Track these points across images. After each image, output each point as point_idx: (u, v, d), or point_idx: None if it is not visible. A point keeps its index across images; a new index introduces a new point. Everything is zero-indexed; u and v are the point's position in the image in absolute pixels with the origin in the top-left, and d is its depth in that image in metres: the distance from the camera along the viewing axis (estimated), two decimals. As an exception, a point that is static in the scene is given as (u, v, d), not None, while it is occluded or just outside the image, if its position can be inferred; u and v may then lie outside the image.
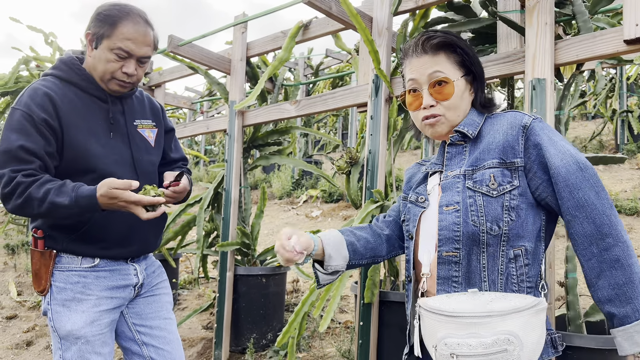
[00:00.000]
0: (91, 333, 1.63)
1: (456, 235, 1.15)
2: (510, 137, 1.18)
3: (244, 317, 3.33)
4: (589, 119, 10.23)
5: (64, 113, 1.61)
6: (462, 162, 1.24)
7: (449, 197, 1.19)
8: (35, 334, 3.95)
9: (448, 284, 1.16)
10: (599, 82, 5.70)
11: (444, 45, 1.25)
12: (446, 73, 1.23)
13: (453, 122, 1.26)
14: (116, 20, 1.61)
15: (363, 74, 2.75)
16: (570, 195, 1.09)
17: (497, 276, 1.13)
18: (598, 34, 1.95)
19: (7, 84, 5.24)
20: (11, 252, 6.13)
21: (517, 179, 1.15)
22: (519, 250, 1.13)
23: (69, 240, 1.65)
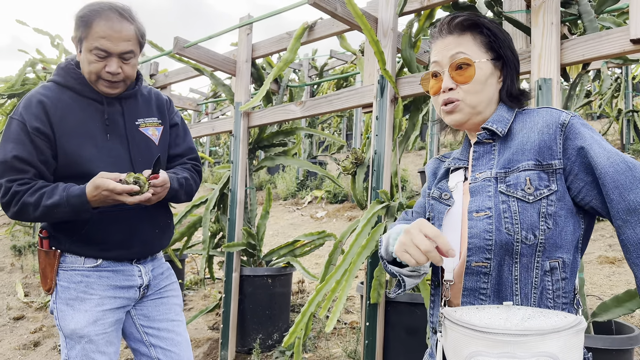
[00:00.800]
0: (94, 332, 1.64)
1: (488, 245, 1.03)
2: (547, 137, 1.05)
3: (250, 318, 3.33)
4: (595, 118, 10.20)
5: (58, 119, 1.63)
6: (491, 162, 1.12)
7: (480, 202, 1.07)
8: (42, 335, 3.97)
9: (474, 296, 1.05)
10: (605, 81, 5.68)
11: (470, 25, 1.15)
12: (468, 54, 1.12)
13: (474, 110, 1.14)
14: (90, 20, 1.59)
15: (368, 74, 2.75)
16: (620, 198, 0.98)
17: (531, 290, 1.03)
18: (604, 33, 1.95)
19: (14, 87, 5.28)
20: (18, 254, 6.17)
21: (555, 183, 1.04)
22: (555, 262, 1.03)
23: (71, 241, 1.67)
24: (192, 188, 1.84)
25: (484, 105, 1.15)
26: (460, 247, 1.10)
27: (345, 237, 2.76)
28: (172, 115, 1.92)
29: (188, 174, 1.84)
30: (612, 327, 2.16)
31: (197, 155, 1.97)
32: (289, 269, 3.48)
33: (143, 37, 1.70)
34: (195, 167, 1.92)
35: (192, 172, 1.87)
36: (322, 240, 3.39)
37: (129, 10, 1.66)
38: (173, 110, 1.94)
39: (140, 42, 1.69)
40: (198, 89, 9.98)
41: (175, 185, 1.72)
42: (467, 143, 1.25)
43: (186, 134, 1.96)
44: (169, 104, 1.93)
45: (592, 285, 3.68)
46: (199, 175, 1.92)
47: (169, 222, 1.89)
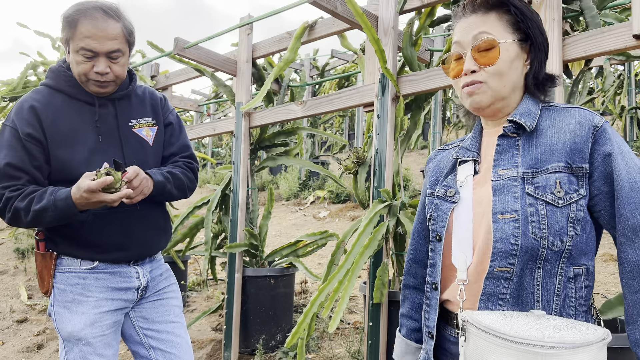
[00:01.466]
0: (92, 335, 1.63)
1: (513, 249, 0.98)
2: (579, 139, 1.00)
3: (253, 319, 3.33)
4: (598, 116, 10.14)
5: (49, 124, 1.62)
6: (515, 159, 1.05)
7: (505, 203, 1.01)
8: (46, 337, 3.98)
9: (493, 301, 1.00)
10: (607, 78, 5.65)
11: (496, 3, 1.08)
12: (493, 34, 1.05)
13: (498, 94, 1.07)
14: (75, 21, 1.57)
15: (369, 73, 2.74)
16: (630, 215, 0.96)
17: (553, 297, 0.98)
18: (606, 29, 1.93)
19: (16, 89, 5.29)
20: (21, 256, 6.18)
21: (584, 188, 1.00)
22: (579, 269, 0.99)
23: (67, 243, 1.66)
24: (182, 182, 1.79)
25: (508, 90, 1.08)
26: (473, 245, 1.05)
27: (348, 236, 2.74)
28: (167, 114, 1.89)
29: (176, 170, 1.80)
30: (617, 325, 2.14)
31: (192, 153, 1.92)
32: (292, 270, 3.47)
33: (131, 34, 1.67)
34: (188, 165, 1.87)
35: (183, 169, 1.83)
36: (325, 240, 3.38)
37: (116, 8, 1.63)
38: (168, 109, 1.90)
39: (128, 40, 1.66)
40: (200, 90, 9.99)
41: (159, 177, 1.68)
42: (477, 132, 1.18)
43: (181, 132, 1.92)
44: (163, 102, 1.89)
45: (597, 283, 3.66)
46: (192, 173, 1.87)
47: (166, 223, 1.87)
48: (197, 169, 1.91)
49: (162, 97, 1.92)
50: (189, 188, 1.84)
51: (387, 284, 2.44)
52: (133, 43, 1.70)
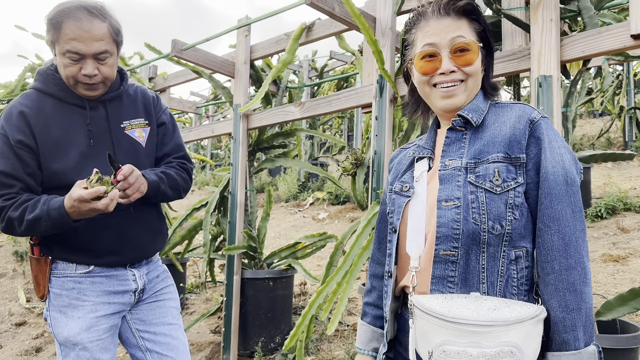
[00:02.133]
0: (88, 339, 1.62)
1: (455, 234, 1.06)
2: (518, 131, 1.10)
3: (252, 321, 3.32)
4: (596, 116, 10.16)
5: (40, 129, 1.59)
6: (461, 151, 1.15)
7: (449, 192, 1.10)
8: (44, 341, 3.96)
9: (443, 283, 1.08)
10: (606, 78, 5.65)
11: (468, 11, 1.17)
12: (469, 39, 1.14)
13: (470, 94, 1.17)
14: (59, 22, 1.52)
15: (367, 74, 2.73)
16: (549, 204, 1.06)
17: (497, 278, 1.06)
18: (604, 29, 1.93)
19: (14, 92, 5.27)
20: (20, 259, 6.17)
21: (522, 176, 1.08)
22: (520, 251, 1.08)
23: (62, 248, 1.65)
24: (176, 182, 1.76)
25: (475, 91, 1.18)
26: (426, 235, 1.12)
27: (346, 238, 2.74)
28: (160, 114, 1.85)
29: (170, 170, 1.77)
30: (617, 326, 2.14)
31: (185, 153, 1.89)
32: (291, 271, 3.46)
33: (118, 34, 1.62)
34: (182, 165, 1.84)
35: (177, 169, 1.80)
36: (324, 242, 3.37)
37: (101, 7, 1.58)
38: (161, 108, 1.86)
39: (115, 40, 1.61)
40: (198, 92, 10.00)
41: (153, 177, 1.66)
42: (433, 131, 1.27)
43: (174, 131, 1.88)
44: (156, 101, 1.85)
45: (596, 284, 3.65)
46: (187, 173, 1.84)
47: (161, 225, 1.85)
48: (191, 169, 1.88)
49: (155, 96, 1.88)
50: (184, 188, 1.82)
51: (386, 285, 2.43)
52: (121, 42, 1.65)
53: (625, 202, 4.95)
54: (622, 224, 4.63)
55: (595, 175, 6.38)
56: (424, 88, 1.20)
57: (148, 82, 4.34)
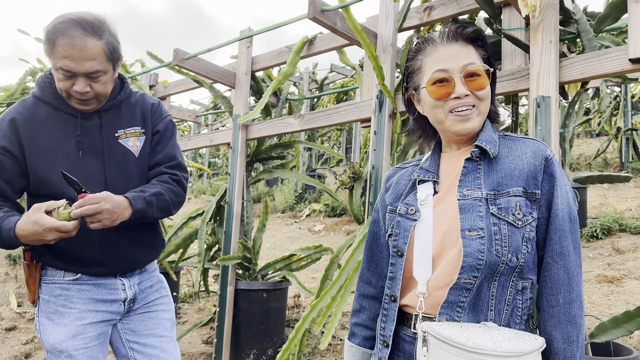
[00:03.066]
0: (73, 347, 1.60)
1: (479, 264, 1.07)
2: (534, 167, 1.13)
3: (245, 332, 3.29)
4: (594, 136, 10.22)
5: (29, 137, 1.60)
6: (477, 181, 1.15)
7: (472, 222, 1.10)
8: (34, 346, 3.92)
9: (452, 308, 1.09)
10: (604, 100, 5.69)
11: (475, 38, 1.20)
12: (479, 65, 1.16)
13: (483, 118, 1.19)
14: (54, 38, 1.50)
15: (367, 89, 2.75)
16: (559, 240, 1.10)
17: (504, 307, 1.09)
18: (603, 52, 1.95)
19: (14, 95, 5.29)
20: (13, 263, 6.12)
21: (536, 211, 1.12)
22: (527, 282, 1.11)
23: (51, 255, 1.64)
24: (167, 203, 1.68)
25: (485, 116, 1.20)
26: (433, 260, 1.14)
27: (342, 252, 2.73)
28: (157, 122, 1.79)
29: (162, 188, 1.69)
30: (611, 349, 2.13)
31: (179, 163, 1.79)
32: (285, 284, 3.45)
33: (114, 52, 1.59)
34: (174, 177, 1.75)
35: (169, 184, 1.72)
36: (319, 254, 3.36)
37: (99, 24, 1.54)
38: (159, 116, 1.80)
39: (110, 58, 1.58)
40: (198, 101, 10.02)
41: (139, 206, 1.58)
42: (436, 154, 1.27)
43: (169, 140, 1.80)
44: (155, 108, 1.80)
45: (590, 305, 3.64)
46: (179, 185, 1.76)
47: (154, 238, 1.80)
48: (184, 180, 1.79)
49: (155, 102, 1.82)
50: (175, 204, 1.74)
51: (380, 300, 2.42)
52: (118, 59, 1.62)
53: (620, 223, 4.96)
54: (618, 245, 4.63)
55: (592, 195, 6.40)
56: (438, 113, 1.19)
57: (149, 89, 4.35)
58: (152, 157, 1.76)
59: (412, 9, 2.58)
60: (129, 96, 1.77)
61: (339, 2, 2.43)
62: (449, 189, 1.19)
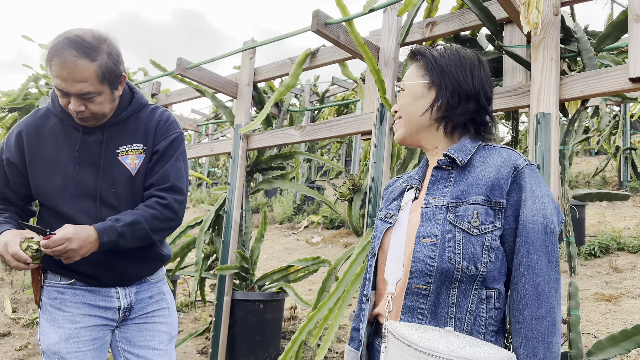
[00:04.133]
0: (66, 350, 1.59)
1: (429, 270, 1.09)
2: (501, 176, 1.12)
3: (240, 343, 3.27)
4: (592, 154, 10.26)
5: (32, 148, 1.65)
6: (445, 189, 1.17)
7: (428, 229, 1.12)
8: (27, 353, 3.89)
9: (413, 314, 1.10)
10: (603, 118, 5.72)
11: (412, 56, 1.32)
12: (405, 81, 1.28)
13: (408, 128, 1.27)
14: (49, 58, 1.50)
15: (368, 102, 2.76)
16: (526, 252, 1.08)
17: (465, 315, 1.08)
18: (603, 71, 1.96)
19: (16, 100, 5.30)
20: (8, 268, 6.09)
21: (500, 221, 1.10)
22: (492, 291, 1.09)
23: (48, 259, 1.64)
24: (144, 232, 1.60)
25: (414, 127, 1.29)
26: (404, 263, 1.15)
27: (340, 264, 2.73)
28: (160, 140, 1.72)
29: (142, 215, 1.61)
30: (608, 367, 2.12)
31: (172, 185, 1.69)
32: (282, 295, 3.43)
33: (109, 73, 1.55)
34: (161, 202, 1.65)
35: (153, 210, 1.64)
36: (317, 266, 3.35)
37: (96, 44, 1.52)
38: (163, 134, 1.73)
39: (103, 80, 1.55)
40: (200, 110, 10.06)
41: (107, 239, 1.53)
42: (425, 163, 1.32)
43: (168, 160, 1.71)
44: (161, 125, 1.73)
45: (587, 323, 3.63)
46: (168, 209, 1.66)
47: (151, 253, 1.76)
48: (174, 204, 1.68)
49: (162, 120, 1.75)
50: (158, 230, 1.66)
51: (378, 314, 2.41)
52: (114, 80, 1.59)
53: (618, 242, 4.96)
54: (615, 264, 4.63)
55: (590, 213, 6.40)
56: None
57: (151, 98, 4.37)
58: (148, 177, 1.70)
59: (415, 24, 2.60)
60: (138, 110, 1.74)
61: (342, 16, 2.45)
62: (423, 196, 1.23)
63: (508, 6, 2.05)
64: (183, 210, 1.72)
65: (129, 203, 1.67)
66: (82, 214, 1.61)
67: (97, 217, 1.62)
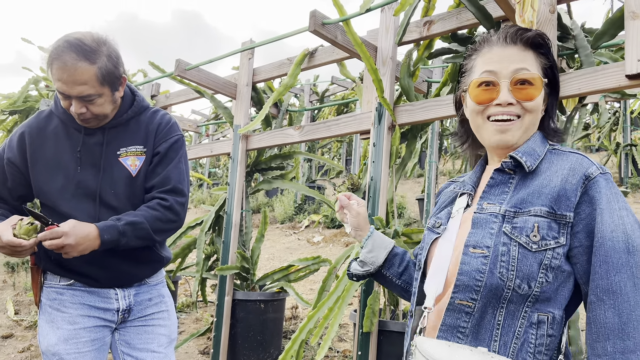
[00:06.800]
0: (65, 351, 1.61)
1: (477, 285, 0.97)
2: (569, 186, 0.98)
3: (241, 343, 3.28)
4: (593, 151, 10.25)
5: (34, 149, 1.68)
6: (503, 195, 1.04)
7: (479, 238, 1.00)
8: (30, 355, 3.90)
9: (452, 333, 0.99)
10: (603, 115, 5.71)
11: (537, 44, 1.08)
12: (534, 73, 1.04)
13: (526, 132, 1.06)
14: (50, 61, 1.53)
15: (366, 101, 2.77)
16: (605, 274, 0.92)
17: (512, 339, 0.95)
18: (600, 68, 1.97)
19: (16, 103, 5.32)
20: (11, 270, 6.11)
21: (565, 237, 0.97)
22: (545, 316, 0.96)
23: (48, 261, 1.68)
24: (146, 232, 1.62)
25: (532, 130, 1.08)
26: (448, 276, 1.04)
27: (340, 263, 2.73)
28: (160, 142, 1.73)
29: (144, 215, 1.62)
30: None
31: (173, 187, 1.70)
32: (283, 294, 3.44)
33: (107, 76, 1.57)
34: (162, 203, 1.67)
35: (155, 211, 1.65)
36: (317, 265, 3.36)
37: (95, 47, 1.54)
38: (164, 137, 1.74)
39: (103, 82, 1.57)
40: (200, 111, 10.07)
41: (108, 237, 1.54)
42: (480, 166, 1.18)
43: (169, 162, 1.73)
44: (162, 128, 1.75)
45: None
46: (169, 211, 1.67)
47: (151, 255, 1.77)
48: (176, 205, 1.70)
49: (163, 122, 1.77)
50: (160, 231, 1.67)
51: (378, 312, 2.42)
52: (114, 81, 1.61)
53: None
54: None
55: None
56: (476, 119, 1.09)
57: (150, 99, 4.38)
58: (149, 180, 1.72)
59: (412, 23, 2.61)
60: (139, 113, 1.76)
61: (339, 16, 2.46)
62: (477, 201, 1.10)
63: (504, 4, 2.06)
64: (185, 212, 1.74)
65: (128, 204, 1.69)
66: (81, 213, 1.62)
67: (96, 217, 1.64)
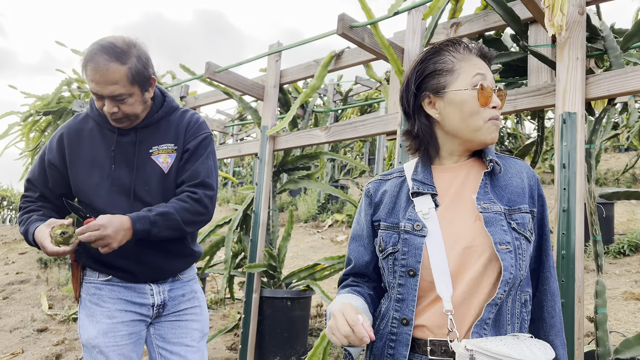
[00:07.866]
0: (104, 344, 1.69)
1: (510, 278, 1.06)
2: (531, 186, 1.19)
3: (268, 340, 3.35)
4: (622, 151, 10.04)
5: (73, 150, 1.77)
6: (487, 196, 1.14)
7: (500, 235, 1.08)
8: (64, 347, 4.04)
9: (481, 326, 1.06)
10: (632, 114, 5.62)
11: (490, 58, 1.24)
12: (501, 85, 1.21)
13: None
14: (85, 64, 1.61)
15: (393, 103, 2.80)
16: (551, 254, 1.20)
17: (516, 320, 1.10)
18: (630, 69, 1.96)
19: (50, 104, 5.49)
20: (44, 266, 6.31)
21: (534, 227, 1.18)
22: (527, 295, 1.14)
23: (87, 257, 1.77)
24: (176, 223, 1.67)
25: None
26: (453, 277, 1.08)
27: (366, 262, 2.76)
28: (190, 140, 1.80)
29: (174, 207, 1.68)
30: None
31: (202, 181, 1.76)
32: (309, 292, 3.50)
33: (138, 75, 1.65)
34: (192, 196, 1.73)
35: (185, 203, 1.71)
36: (342, 264, 3.40)
37: (126, 49, 1.63)
38: (193, 134, 1.82)
39: (134, 82, 1.64)
40: (224, 111, 10.20)
41: (140, 227, 1.61)
42: (427, 166, 1.22)
43: (198, 158, 1.79)
44: (192, 126, 1.82)
45: (616, 322, 3.59)
46: (198, 203, 1.73)
47: (183, 248, 1.84)
48: (204, 198, 1.75)
49: (192, 121, 1.84)
50: (190, 223, 1.72)
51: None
52: (144, 82, 1.69)
53: (649, 241, 4.87)
54: (646, 262, 4.56)
55: (619, 211, 6.29)
56: (475, 120, 1.15)
57: (180, 100, 4.48)
58: (179, 175, 1.79)
59: (439, 25, 2.62)
60: (169, 113, 1.83)
61: (367, 19, 2.50)
62: (453, 203, 1.15)
63: (532, 7, 2.07)
64: (213, 205, 1.80)
65: (161, 200, 1.76)
66: (116, 209, 1.69)
67: (131, 212, 1.70)
